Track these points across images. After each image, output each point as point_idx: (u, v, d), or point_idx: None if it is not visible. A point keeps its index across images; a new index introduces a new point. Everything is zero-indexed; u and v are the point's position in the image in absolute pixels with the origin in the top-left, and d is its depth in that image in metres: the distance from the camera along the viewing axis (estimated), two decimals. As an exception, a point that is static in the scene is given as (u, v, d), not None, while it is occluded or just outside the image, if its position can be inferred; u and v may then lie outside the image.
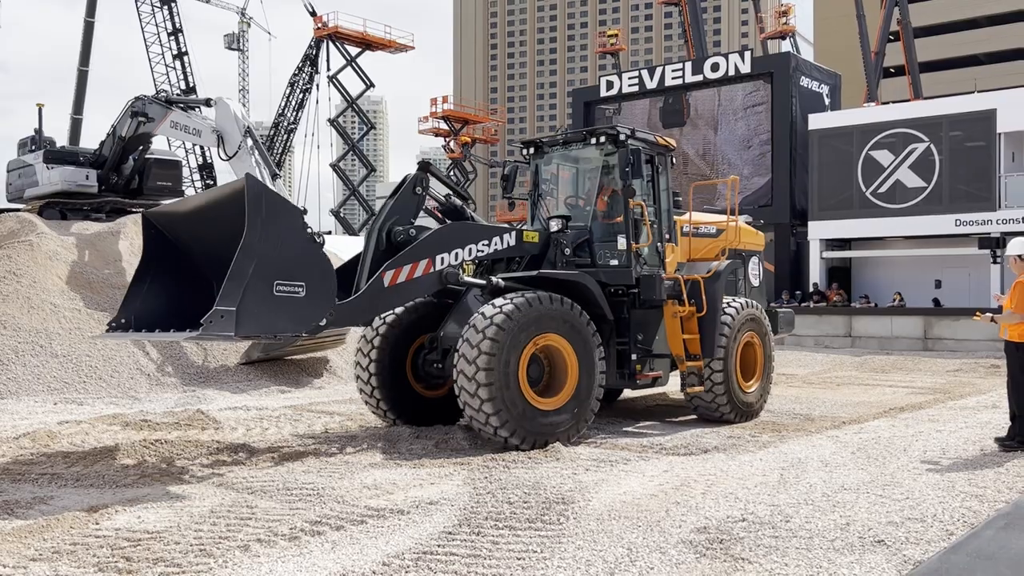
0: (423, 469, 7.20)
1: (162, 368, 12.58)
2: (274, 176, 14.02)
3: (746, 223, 11.97)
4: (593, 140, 9.56)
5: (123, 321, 7.70)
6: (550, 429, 8.09)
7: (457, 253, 8.39)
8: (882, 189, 24.97)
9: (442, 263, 8.24)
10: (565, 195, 10.37)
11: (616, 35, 56.37)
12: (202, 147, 36.35)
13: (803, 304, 25.16)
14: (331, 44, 47.51)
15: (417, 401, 9.39)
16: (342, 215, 53.66)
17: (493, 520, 5.60)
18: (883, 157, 24.95)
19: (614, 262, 9.36)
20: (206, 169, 39.02)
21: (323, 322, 7.30)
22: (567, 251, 9.09)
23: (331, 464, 7.41)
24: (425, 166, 8.93)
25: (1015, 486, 6.60)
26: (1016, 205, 22.94)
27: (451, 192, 9.51)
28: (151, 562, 4.75)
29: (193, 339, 6.56)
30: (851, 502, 6.10)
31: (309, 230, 7.22)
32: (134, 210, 17.35)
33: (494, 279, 8.59)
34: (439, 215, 9.36)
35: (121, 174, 17.48)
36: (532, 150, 10.12)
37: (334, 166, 50.28)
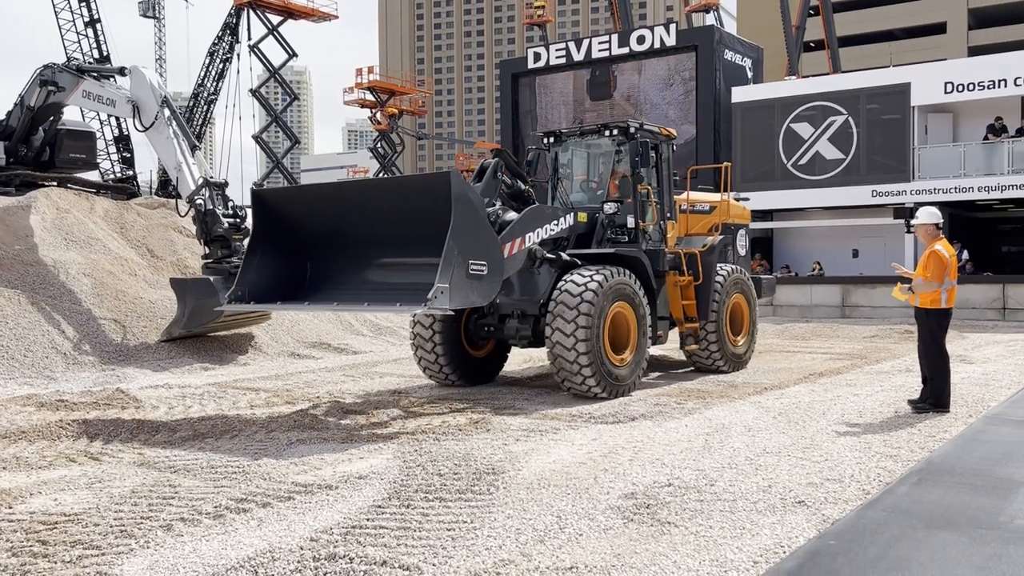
0: (352, 443, 7.13)
1: (79, 346, 12.17)
2: (193, 148, 13.60)
3: (735, 199, 13.40)
4: (607, 133, 10.82)
5: (239, 293, 8.60)
6: (621, 382, 9.50)
7: (538, 232, 9.49)
8: (802, 161, 25.56)
9: (529, 241, 9.34)
10: (581, 180, 11.60)
11: (543, 7, 56.22)
12: (117, 118, 35.09)
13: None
14: (252, 12, 46.24)
15: (468, 361, 10.59)
16: (265, 188, 52.55)
17: (423, 492, 5.58)
18: (803, 129, 25.52)
19: (624, 239, 10.59)
20: (122, 141, 37.68)
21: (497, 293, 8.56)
22: (610, 232, 10.48)
23: (257, 441, 7.29)
24: (500, 153, 10.03)
25: (927, 445, 6.87)
26: (929, 176, 23.75)
27: (517, 176, 10.35)
28: (68, 545, 4.60)
29: (416, 312, 7.57)
30: (773, 465, 6.26)
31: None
32: (45, 183, 16.69)
33: (565, 256, 9.70)
34: (505, 196, 10.27)
35: (31, 146, 16.73)
36: (552, 139, 11.31)
37: (257, 138, 49.16)
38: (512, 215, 9.59)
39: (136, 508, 5.29)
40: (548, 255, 9.56)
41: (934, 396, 8.38)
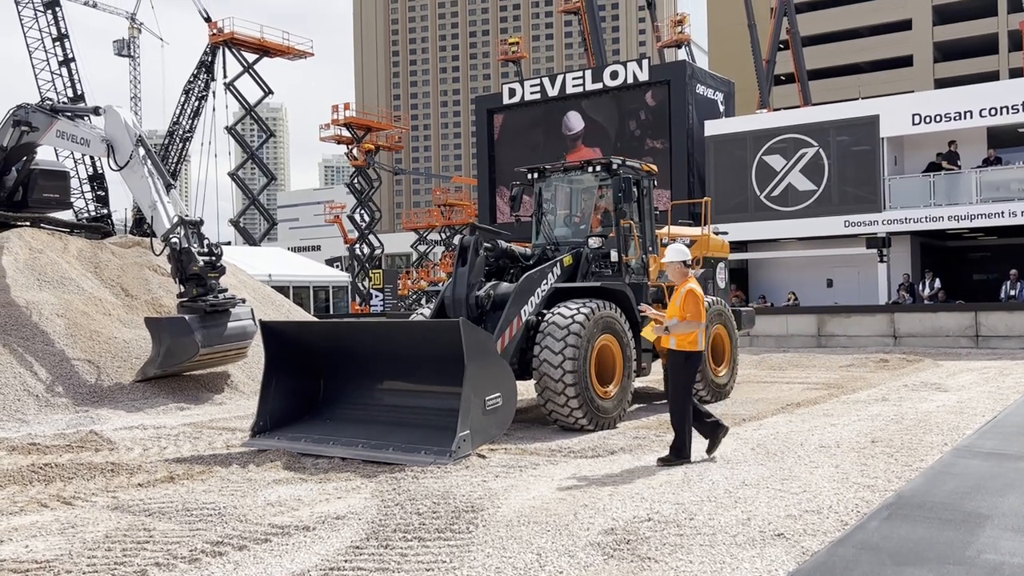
0: (329, 483, 7.07)
1: (51, 388, 12.01)
2: (168, 187, 13.56)
3: (714, 233, 13.69)
4: (590, 169, 11.06)
5: (262, 424, 8.91)
6: (607, 414, 9.59)
7: (532, 301, 9.71)
8: (775, 192, 25.88)
9: (525, 315, 9.60)
10: (564, 214, 11.79)
11: (517, 43, 56.90)
12: (92, 157, 34.98)
13: (704, 305, 25.79)
14: (227, 50, 46.43)
15: None
16: (242, 225, 52.47)
17: (402, 532, 5.54)
18: (775, 162, 25.86)
19: (607, 272, 10.78)
20: (96, 180, 37.58)
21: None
22: (595, 266, 10.64)
23: (233, 482, 7.21)
24: (475, 229, 10.16)
25: (904, 475, 6.91)
26: (899, 206, 24.12)
27: (497, 236, 10.57)
28: (40, 593, 4.52)
29: (442, 464, 7.55)
30: (752, 497, 6.27)
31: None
32: (18, 224, 16.55)
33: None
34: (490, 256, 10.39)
35: (3, 186, 16.58)
36: (536, 175, 11.44)
37: (232, 175, 49.13)
38: (505, 286, 9.92)
39: (110, 553, 5.21)
40: (536, 318, 9.73)
41: (680, 445, 7.61)
